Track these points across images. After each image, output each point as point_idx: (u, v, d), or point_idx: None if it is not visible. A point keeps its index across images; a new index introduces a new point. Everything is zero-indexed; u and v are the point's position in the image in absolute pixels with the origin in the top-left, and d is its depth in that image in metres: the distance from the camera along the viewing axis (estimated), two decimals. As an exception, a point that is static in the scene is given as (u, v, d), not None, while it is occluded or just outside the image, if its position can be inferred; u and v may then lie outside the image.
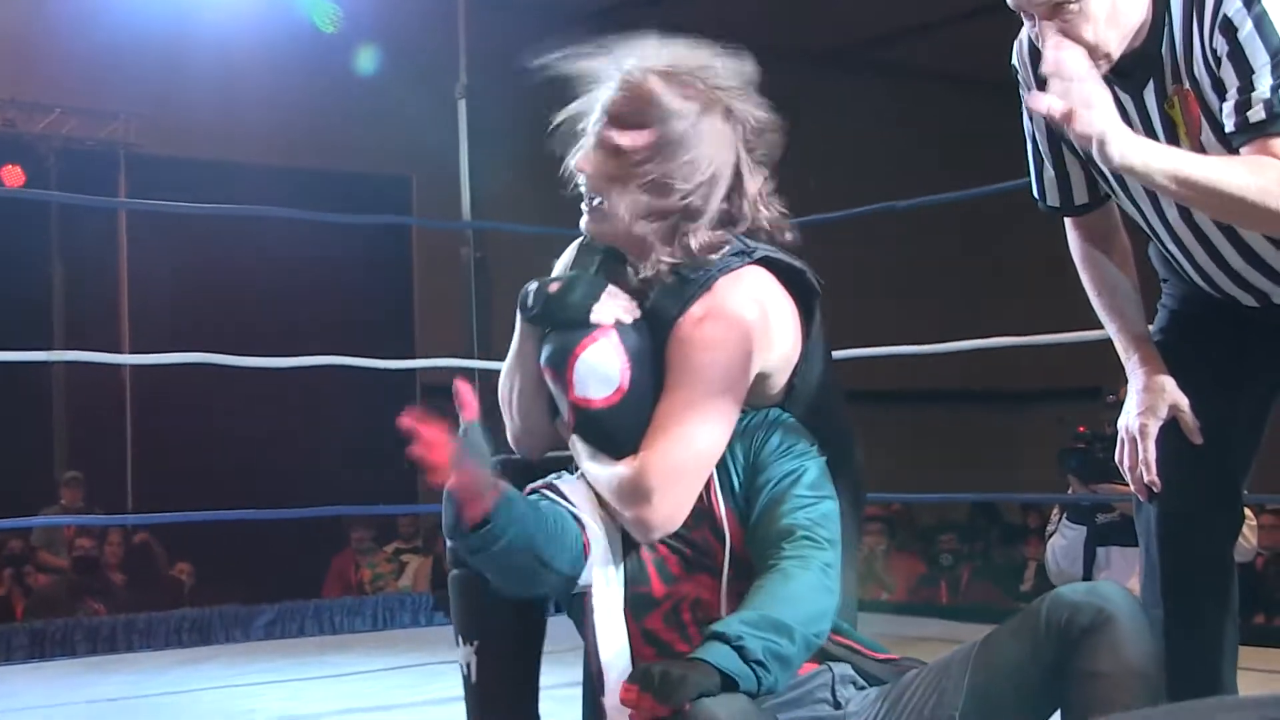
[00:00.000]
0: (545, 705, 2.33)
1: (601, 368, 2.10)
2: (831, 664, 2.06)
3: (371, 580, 9.13)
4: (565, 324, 2.13)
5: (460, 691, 2.34)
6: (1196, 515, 2.23)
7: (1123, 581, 5.06)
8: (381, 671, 4.34)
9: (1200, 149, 2.02)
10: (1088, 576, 5.32)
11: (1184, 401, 2.20)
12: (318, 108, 10.47)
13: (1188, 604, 2.23)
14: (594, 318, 2.12)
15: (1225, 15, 1.95)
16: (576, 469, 2.20)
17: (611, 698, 2.00)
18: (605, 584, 2.09)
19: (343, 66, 10.30)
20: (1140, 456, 2.21)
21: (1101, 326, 2.38)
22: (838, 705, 2.04)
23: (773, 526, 2.04)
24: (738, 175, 2.17)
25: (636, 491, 2.07)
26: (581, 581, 2.10)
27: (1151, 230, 2.23)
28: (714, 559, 2.10)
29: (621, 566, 2.11)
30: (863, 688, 2.06)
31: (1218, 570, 2.25)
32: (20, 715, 3.77)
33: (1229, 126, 1.97)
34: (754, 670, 1.86)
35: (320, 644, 5.50)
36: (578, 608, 2.14)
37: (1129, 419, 2.24)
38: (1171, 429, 2.22)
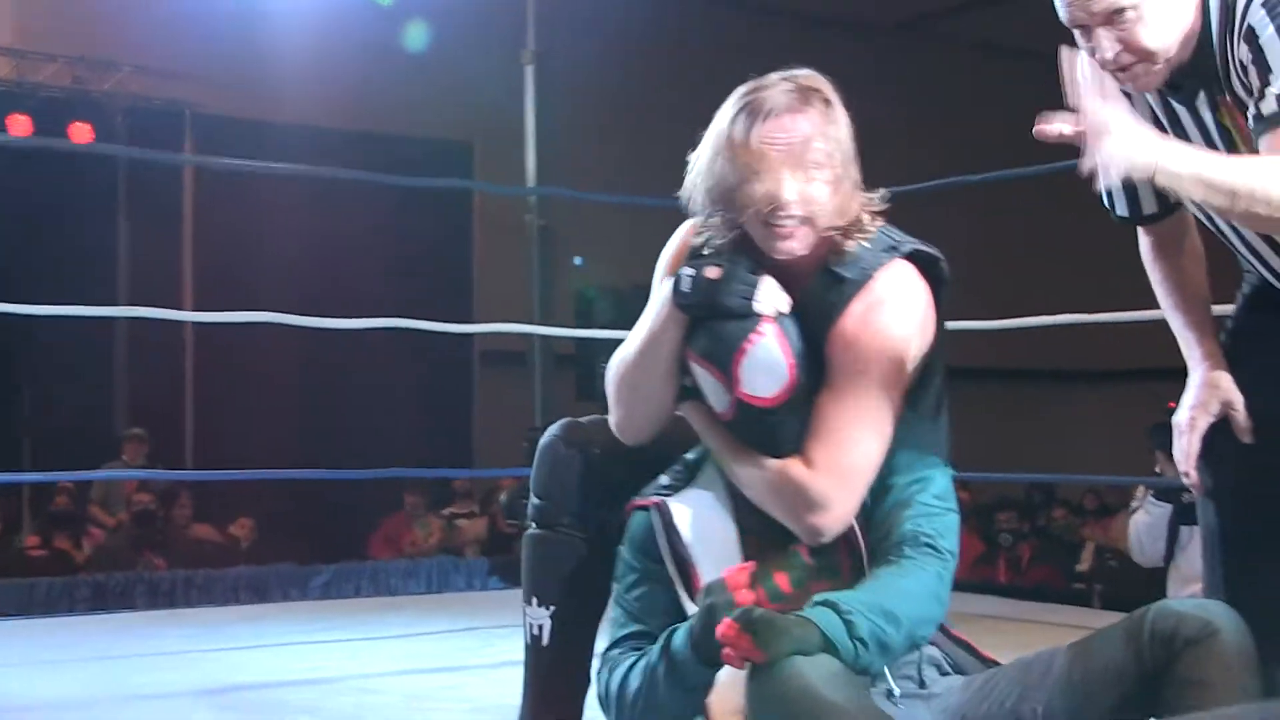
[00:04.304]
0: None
1: (770, 363, 2.01)
2: (922, 645, 2.06)
3: (424, 542, 9.19)
4: (727, 314, 2.03)
5: (521, 656, 2.35)
6: (1260, 503, 2.20)
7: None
8: (442, 634, 4.37)
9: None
10: (1170, 554, 5.29)
11: (1238, 400, 2.18)
12: (383, 71, 10.50)
13: (1250, 594, 2.19)
14: (757, 308, 2.03)
15: (1249, 24, 1.95)
16: (686, 461, 2.17)
17: (717, 700, 1.97)
18: None
19: (410, 30, 10.32)
20: (1184, 449, 2.21)
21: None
22: (922, 684, 2.04)
23: (896, 528, 2.02)
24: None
25: (810, 497, 2.02)
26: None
27: (1218, 230, 2.21)
28: (837, 564, 2.06)
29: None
30: (947, 674, 2.06)
31: None
32: (87, 664, 3.82)
33: (1251, 124, 1.97)
34: (855, 646, 1.87)
35: (378, 605, 5.53)
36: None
37: (1182, 413, 2.23)
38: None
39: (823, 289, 2.08)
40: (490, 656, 3.84)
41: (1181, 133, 2.09)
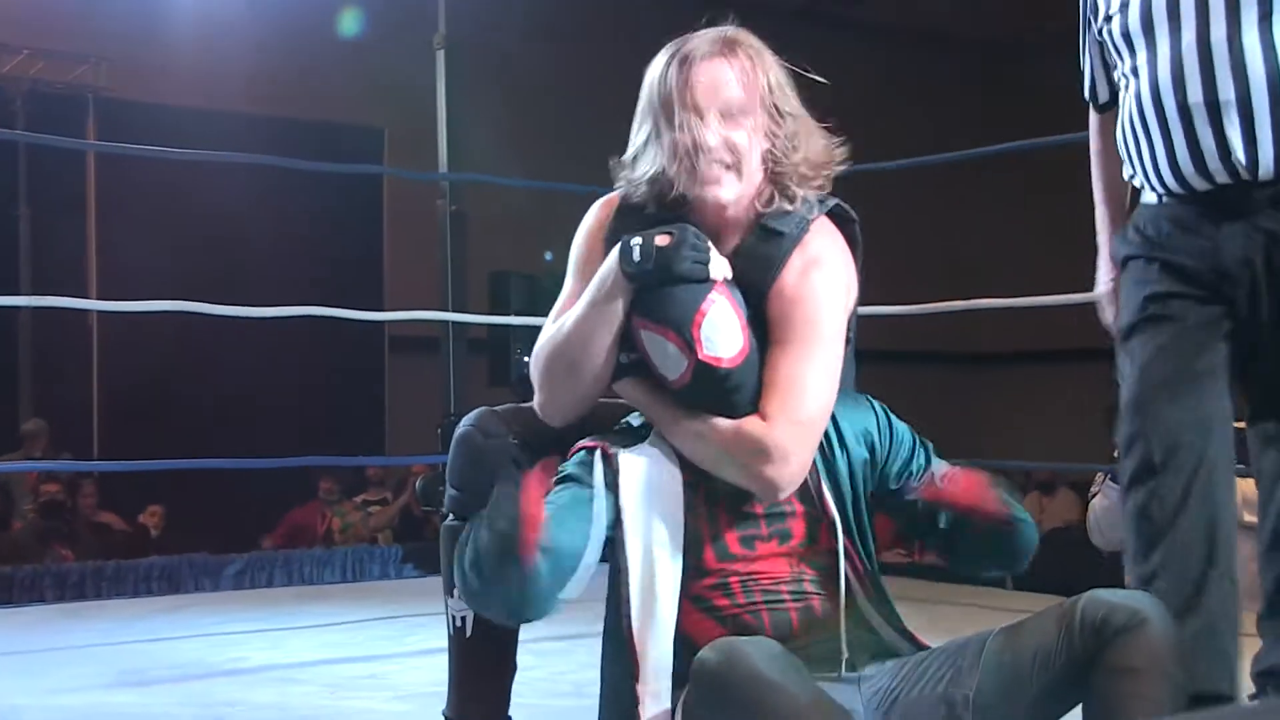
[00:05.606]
0: (521, 658, 2.36)
1: (728, 326, 2.03)
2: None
3: (341, 530, 9.14)
4: (680, 280, 2.03)
5: (442, 643, 2.36)
6: (1182, 484, 2.26)
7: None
8: (362, 622, 4.35)
9: None
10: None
11: None
12: (291, 55, 10.39)
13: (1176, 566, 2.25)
14: (712, 272, 2.05)
15: None
16: (629, 425, 2.17)
17: (650, 683, 1.96)
18: (647, 564, 2.01)
19: (319, 14, 10.22)
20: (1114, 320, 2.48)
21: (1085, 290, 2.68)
22: (852, 668, 2.06)
23: None
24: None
25: (769, 449, 2.01)
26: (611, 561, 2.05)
27: (1152, 68, 2.28)
28: (788, 527, 2.07)
29: (679, 544, 2.03)
30: (876, 656, 2.08)
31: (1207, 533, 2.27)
32: (4, 660, 3.77)
33: None
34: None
35: (295, 594, 5.51)
36: (612, 588, 2.06)
37: (1105, 286, 2.55)
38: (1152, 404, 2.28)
39: (758, 244, 2.11)
40: (410, 645, 3.85)
41: None
